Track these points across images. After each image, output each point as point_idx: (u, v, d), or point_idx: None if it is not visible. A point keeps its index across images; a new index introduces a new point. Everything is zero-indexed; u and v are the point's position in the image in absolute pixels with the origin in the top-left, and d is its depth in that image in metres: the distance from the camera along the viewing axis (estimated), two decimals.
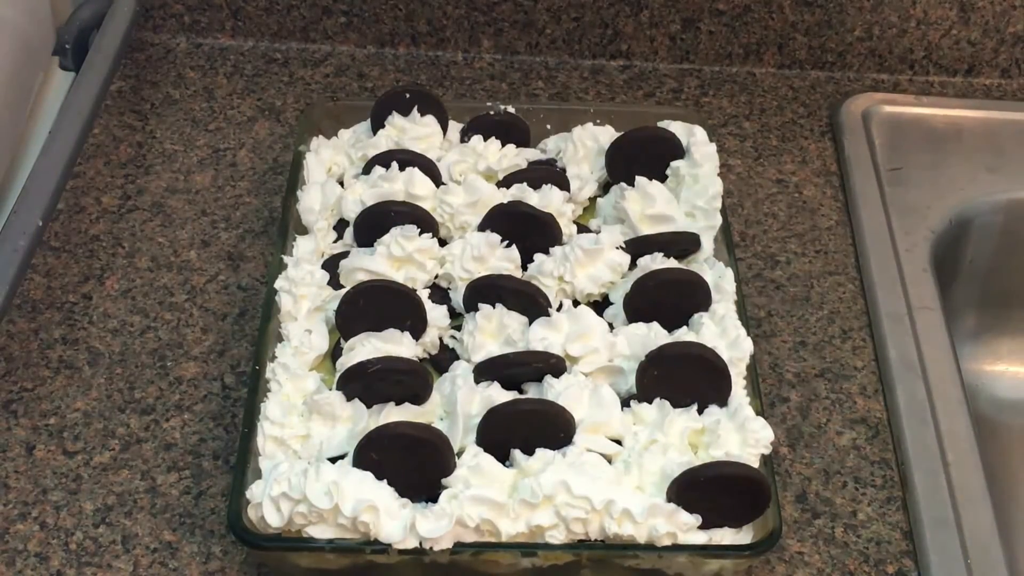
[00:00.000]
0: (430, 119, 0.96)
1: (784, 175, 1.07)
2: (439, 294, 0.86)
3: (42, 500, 0.81)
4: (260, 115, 1.10)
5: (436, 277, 0.87)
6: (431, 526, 0.71)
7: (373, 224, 0.87)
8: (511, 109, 0.98)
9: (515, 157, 0.95)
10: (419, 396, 0.78)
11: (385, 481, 0.72)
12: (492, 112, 0.98)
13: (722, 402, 0.78)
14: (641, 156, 0.92)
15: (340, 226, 0.90)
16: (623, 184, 0.91)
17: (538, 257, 0.86)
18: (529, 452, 0.74)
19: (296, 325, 0.82)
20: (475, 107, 0.99)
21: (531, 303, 0.83)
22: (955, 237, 1.04)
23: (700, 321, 0.82)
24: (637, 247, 0.86)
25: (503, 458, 0.75)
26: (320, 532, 0.72)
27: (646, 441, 0.76)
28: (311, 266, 0.85)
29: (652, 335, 0.81)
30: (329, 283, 0.85)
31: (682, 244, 0.87)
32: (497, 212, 0.88)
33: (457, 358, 0.82)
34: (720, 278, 0.85)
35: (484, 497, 0.71)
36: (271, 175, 1.04)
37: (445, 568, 0.73)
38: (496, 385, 0.78)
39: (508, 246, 0.86)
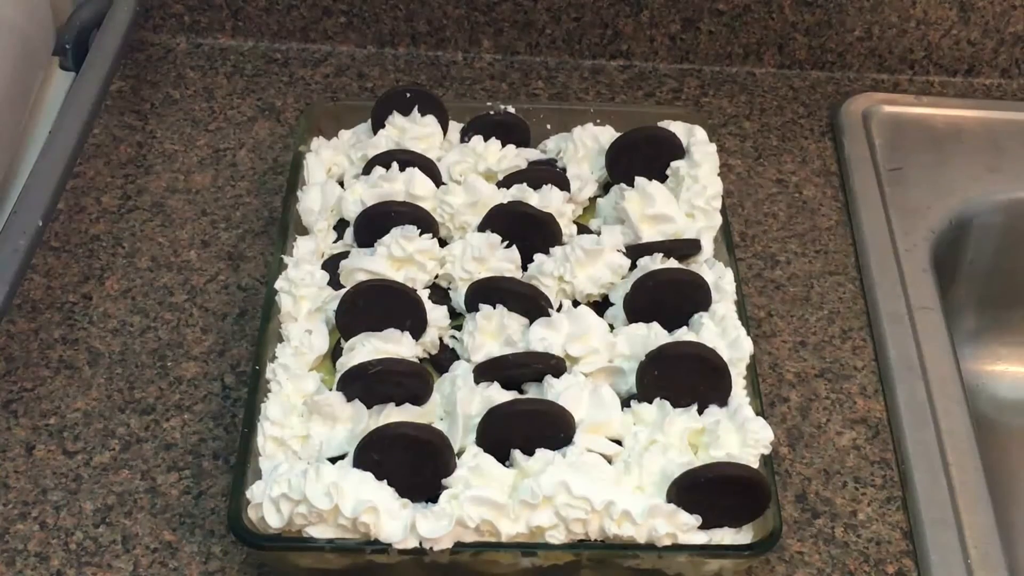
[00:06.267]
0: (430, 119, 0.96)
1: (784, 175, 1.07)
2: (439, 294, 0.86)
3: (42, 500, 0.81)
4: (260, 115, 1.10)
5: (436, 277, 0.87)
6: (431, 526, 0.71)
7: (373, 224, 0.87)
8: (511, 109, 0.98)
9: (515, 157, 0.95)
10: (419, 397, 0.78)
11: (385, 481, 0.72)
12: (492, 112, 0.98)
13: (722, 402, 0.78)
14: (641, 156, 0.92)
15: (340, 226, 0.90)
16: (623, 184, 0.91)
17: (538, 257, 0.86)
18: (529, 452, 0.74)
19: (296, 325, 0.82)
20: (475, 107, 0.99)
21: (532, 305, 0.83)
22: (955, 237, 1.04)
23: (700, 321, 0.82)
24: (637, 253, 0.86)
25: (503, 458, 0.75)
26: (320, 532, 0.72)
27: (646, 441, 0.76)
28: (311, 266, 0.85)
29: (652, 335, 0.81)
30: (329, 283, 0.85)
31: (683, 250, 0.87)
32: (497, 212, 0.88)
33: (457, 358, 0.82)
34: (720, 278, 0.85)
35: (484, 497, 0.71)
36: (271, 175, 1.04)
37: (445, 568, 0.73)
38: (496, 385, 0.78)
39: (508, 246, 0.86)
